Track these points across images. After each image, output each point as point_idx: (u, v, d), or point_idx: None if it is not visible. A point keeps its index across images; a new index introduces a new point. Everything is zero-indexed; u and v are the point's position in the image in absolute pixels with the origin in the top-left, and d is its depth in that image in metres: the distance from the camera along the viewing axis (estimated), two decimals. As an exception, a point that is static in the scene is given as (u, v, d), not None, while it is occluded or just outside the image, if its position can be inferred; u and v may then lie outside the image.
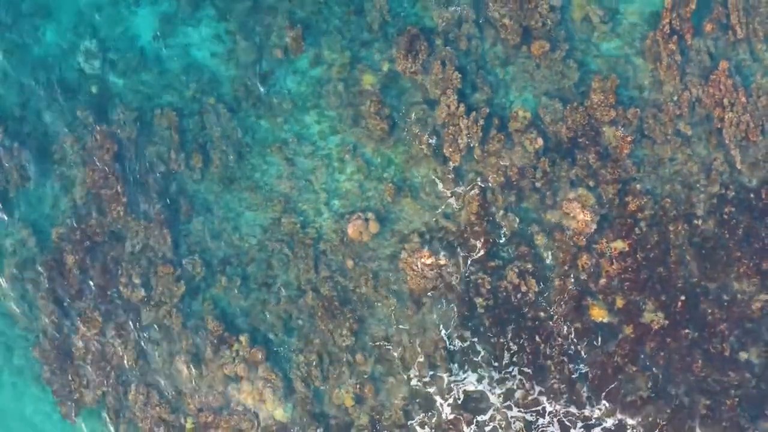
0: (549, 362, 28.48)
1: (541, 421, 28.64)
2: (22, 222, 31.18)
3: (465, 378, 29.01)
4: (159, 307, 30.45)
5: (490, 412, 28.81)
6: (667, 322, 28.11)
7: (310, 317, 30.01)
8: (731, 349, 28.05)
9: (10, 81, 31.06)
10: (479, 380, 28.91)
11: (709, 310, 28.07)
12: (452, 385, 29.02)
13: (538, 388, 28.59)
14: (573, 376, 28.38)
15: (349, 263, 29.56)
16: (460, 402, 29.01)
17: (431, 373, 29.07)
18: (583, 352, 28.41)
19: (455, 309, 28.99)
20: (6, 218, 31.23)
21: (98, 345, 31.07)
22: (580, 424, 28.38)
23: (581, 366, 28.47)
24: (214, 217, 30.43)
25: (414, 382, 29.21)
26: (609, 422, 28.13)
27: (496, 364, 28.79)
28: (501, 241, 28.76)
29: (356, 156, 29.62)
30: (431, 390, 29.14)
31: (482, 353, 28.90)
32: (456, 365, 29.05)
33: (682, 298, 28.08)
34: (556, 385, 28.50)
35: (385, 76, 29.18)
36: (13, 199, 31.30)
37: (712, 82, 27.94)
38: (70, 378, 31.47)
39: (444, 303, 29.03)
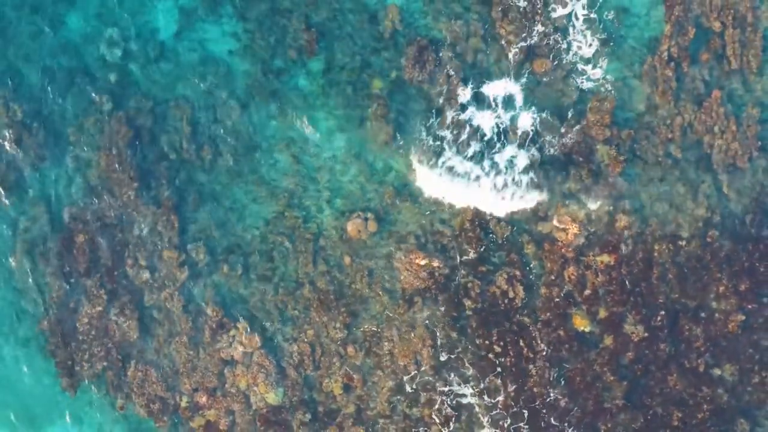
0: (531, 366, 29.75)
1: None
2: (36, 200, 32.27)
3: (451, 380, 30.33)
4: (162, 289, 31.65)
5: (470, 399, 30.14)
6: (646, 335, 29.31)
7: (305, 309, 31.19)
8: (706, 364, 29.23)
9: (33, 63, 32.00)
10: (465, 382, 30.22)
11: (687, 327, 29.23)
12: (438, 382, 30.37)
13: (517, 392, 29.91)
14: (553, 379, 29.69)
15: (347, 260, 30.74)
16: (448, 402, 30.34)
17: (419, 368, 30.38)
18: (564, 358, 29.68)
19: (445, 309, 30.26)
20: (21, 195, 32.36)
21: (102, 322, 32.23)
22: None
23: (562, 371, 29.71)
24: (220, 208, 31.53)
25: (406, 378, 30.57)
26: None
27: (480, 364, 30.08)
28: (492, 248, 29.96)
29: (360, 157, 30.72)
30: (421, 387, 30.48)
31: (468, 354, 30.16)
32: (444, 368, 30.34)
33: (662, 313, 29.25)
34: (536, 389, 29.82)
35: (392, 82, 30.22)
36: (29, 178, 32.35)
37: (704, 109, 28.92)
38: (72, 352, 32.63)
39: (435, 302, 30.30)
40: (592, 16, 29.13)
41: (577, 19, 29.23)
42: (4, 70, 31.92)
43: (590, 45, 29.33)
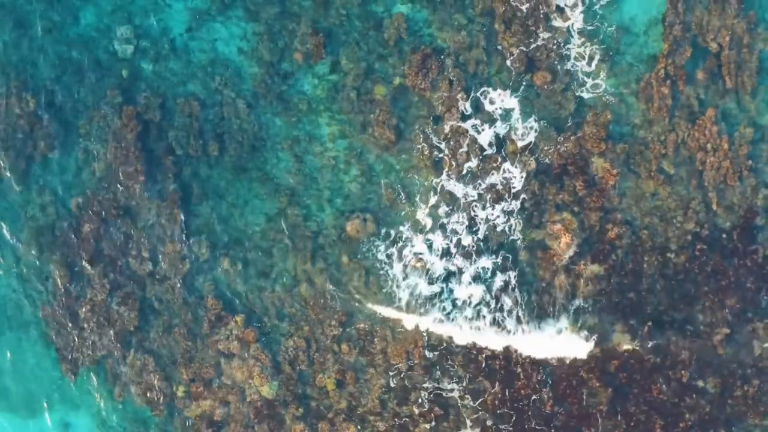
0: (518, 369, 30.50)
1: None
2: (44, 189, 32.97)
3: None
4: (163, 281, 32.40)
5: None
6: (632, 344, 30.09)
7: (302, 305, 31.93)
8: (690, 376, 29.92)
9: (48, 56, 32.68)
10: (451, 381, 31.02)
11: (673, 338, 29.93)
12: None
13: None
14: (539, 384, 30.46)
15: (345, 259, 31.50)
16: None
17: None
18: (551, 363, 30.45)
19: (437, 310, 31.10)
20: (30, 184, 33.08)
21: (103, 311, 32.93)
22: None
23: (548, 376, 30.47)
24: (224, 203, 32.26)
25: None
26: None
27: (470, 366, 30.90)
28: (487, 254, 30.74)
29: (361, 160, 31.50)
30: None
31: (459, 356, 30.93)
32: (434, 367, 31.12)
33: (649, 323, 29.96)
34: (523, 390, 30.58)
35: (395, 89, 30.97)
36: (38, 167, 33.08)
37: (698, 127, 29.58)
38: (73, 338, 33.33)
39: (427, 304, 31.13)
40: (592, 32, 29.89)
41: (577, 34, 29.96)
42: (18, 61, 32.67)
43: (589, 60, 30.06)
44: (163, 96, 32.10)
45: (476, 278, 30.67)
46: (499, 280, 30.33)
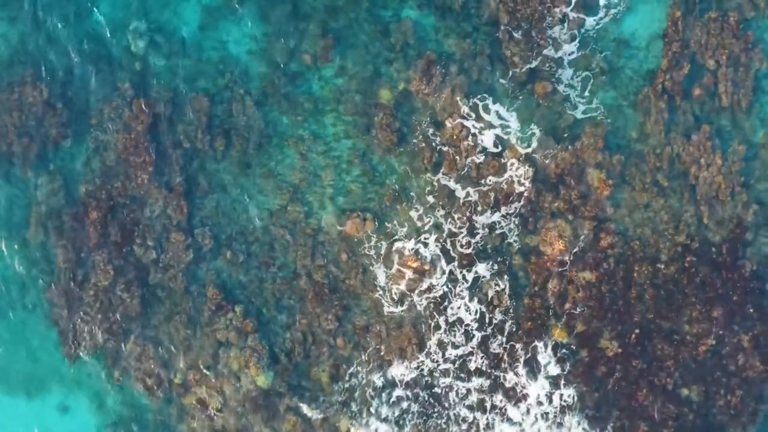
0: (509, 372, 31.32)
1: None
2: (55, 175, 33.68)
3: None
4: (167, 269, 33.12)
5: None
6: (620, 351, 30.71)
7: (300, 299, 32.64)
8: (675, 384, 30.61)
9: (62, 47, 33.33)
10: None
11: (660, 346, 30.60)
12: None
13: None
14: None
15: (343, 256, 32.25)
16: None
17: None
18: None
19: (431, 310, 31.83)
20: (41, 170, 33.82)
21: (106, 296, 33.61)
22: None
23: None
24: (228, 197, 32.97)
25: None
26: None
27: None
28: (482, 256, 31.49)
29: (364, 161, 32.25)
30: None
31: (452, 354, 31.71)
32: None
33: (637, 331, 30.65)
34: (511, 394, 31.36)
35: (400, 93, 31.68)
36: (50, 154, 33.80)
37: (693, 142, 30.23)
38: (76, 322, 33.97)
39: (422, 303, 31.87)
40: (595, 44, 30.64)
41: (579, 45, 30.70)
42: (33, 51, 33.35)
43: (590, 71, 30.80)
44: (173, 90, 32.76)
45: (471, 287, 31.46)
46: (492, 288, 31.11)
